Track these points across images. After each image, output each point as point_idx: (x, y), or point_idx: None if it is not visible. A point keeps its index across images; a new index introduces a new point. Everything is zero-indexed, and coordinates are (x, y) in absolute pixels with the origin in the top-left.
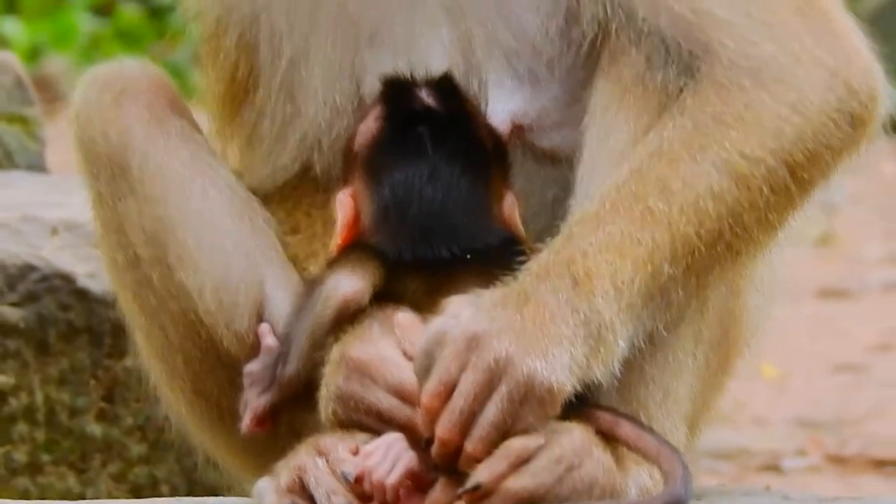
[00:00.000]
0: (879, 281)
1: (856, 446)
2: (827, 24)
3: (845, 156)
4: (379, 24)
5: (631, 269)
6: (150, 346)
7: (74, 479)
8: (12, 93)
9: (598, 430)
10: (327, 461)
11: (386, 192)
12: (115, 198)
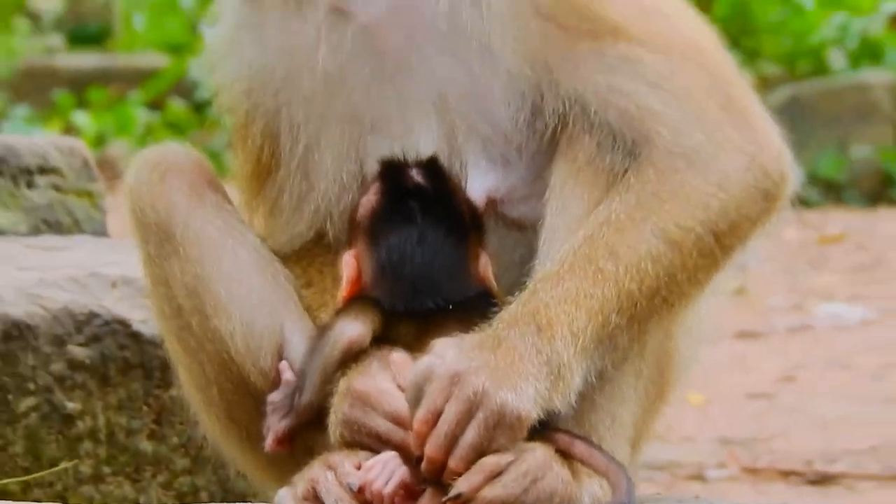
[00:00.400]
0: (784, 325)
1: (766, 460)
2: (746, 117)
3: (760, 225)
4: (379, 117)
5: (585, 318)
6: (191, 380)
7: (130, 487)
8: (80, 172)
9: (558, 449)
10: (335, 474)
11: (383, 254)
12: (161, 258)
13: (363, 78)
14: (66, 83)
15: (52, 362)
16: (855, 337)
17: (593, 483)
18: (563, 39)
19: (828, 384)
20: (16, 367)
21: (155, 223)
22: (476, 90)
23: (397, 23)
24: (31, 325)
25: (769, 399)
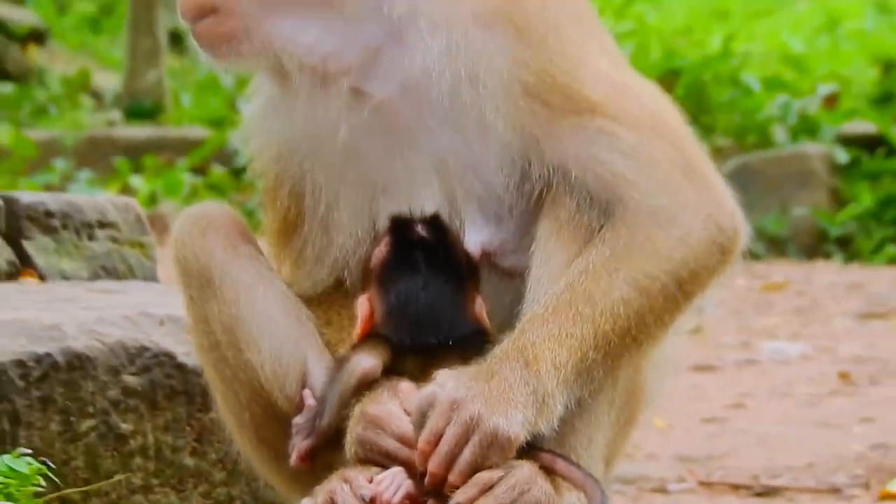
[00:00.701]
0: (734, 360)
1: (719, 475)
2: (704, 182)
3: (716, 275)
4: (389, 181)
5: (566, 354)
6: (226, 405)
7: (175, 497)
8: (134, 226)
9: (542, 465)
10: (351, 486)
11: (392, 298)
12: (202, 300)
13: (377, 148)
14: (124, 151)
15: (109, 389)
16: (794, 370)
17: (572, 495)
18: (548, 115)
19: (771, 410)
20: (77, 392)
21: (196, 270)
22: (473, 158)
23: (407, 101)
24: (91, 356)
25: (721, 423)
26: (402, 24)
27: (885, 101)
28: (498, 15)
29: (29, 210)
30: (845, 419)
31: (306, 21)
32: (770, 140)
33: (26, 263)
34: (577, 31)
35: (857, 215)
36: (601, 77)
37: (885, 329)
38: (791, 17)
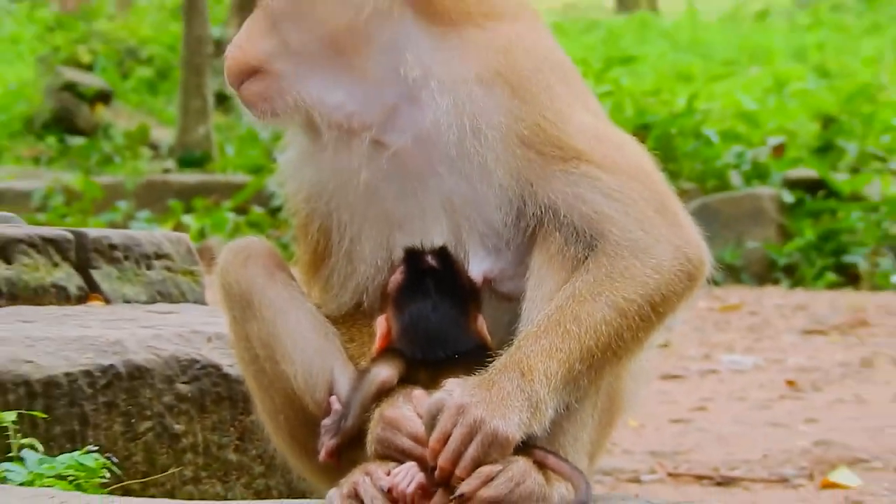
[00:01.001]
0: (696, 370)
1: (684, 468)
2: (674, 219)
3: (685, 298)
4: (404, 218)
5: (556, 366)
6: (264, 409)
7: (220, 487)
8: (185, 257)
9: (535, 460)
10: (371, 478)
11: (406, 318)
12: (243, 320)
13: (393, 190)
14: (177, 194)
15: (164, 395)
16: (748, 378)
17: (561, 486)
18: (540, 162)
19: (729, 412)
20: (137, 398)
21: (238, 295)
22: (476, 199)
23: (419, 151)
24: (149, 367)
25: (686, 423)
26: (416, 86)
27: (824, 151)
28: (497, 77)
29: (96, 244)
30: (792, 420)
31: (334, 83)
32: (727, 184)
33: (94, 289)
34: (565, 91)
35: (800, 247)
36: (585, 129)
37: (826, 343)
38: (744, 80)
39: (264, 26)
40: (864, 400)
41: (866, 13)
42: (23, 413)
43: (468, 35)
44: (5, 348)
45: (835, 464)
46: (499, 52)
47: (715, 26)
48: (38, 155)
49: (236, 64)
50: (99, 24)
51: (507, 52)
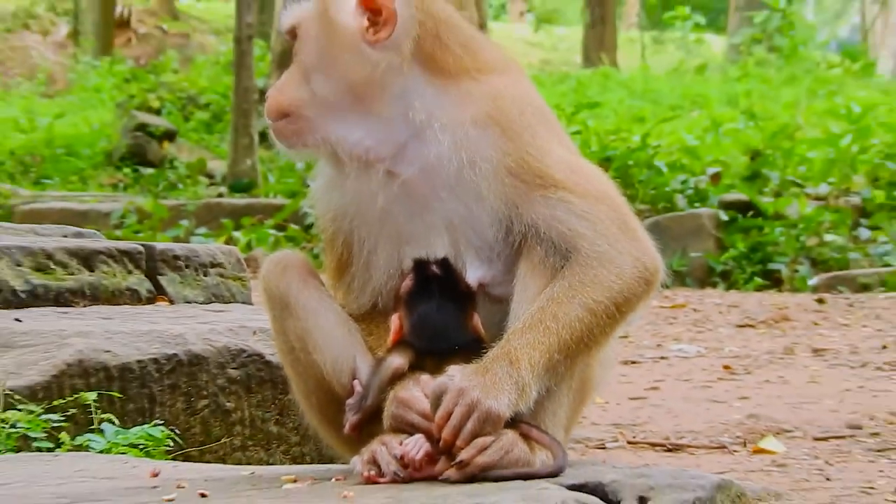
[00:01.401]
0: (650, 357)
1: (641, 437)
2: (634, 234)
3: (643, 300)
4: (412, 235)
5: (538, 356)
6: (299, 391)
7: (263, 453)
8: (235, 266)
9: (521, 433)
10: (387, 447)
11: (415, 316)
12: (281, 318)
13: (403, 212)
14: (228, 214)
15: (217, 378)
16: (692, 363)
17: (542, 453)
18: (524, 189)
19: (677, 391)
20: (196, 381)
21: (278, 297)
22: (472, 219)
23: (425, 179)
24: (205, 356)
25: (642, 400)
26: (422, 127)
27: (752, 179)
28: (489, 120)
29: (162, 255)
30: (728, 397)
31: (354, 124)
32: (674, 205)
33: (160, 292)
34: (544, 131)
35: (734, 257)
36: (561, 162)
37: (755, 335)
38: (687, 122)
39: (298, 77)
40: (787, 381)
41: (785, 67)
42: (102, 393)
43: (465, 86)
44: (88, 340)
45: (763, 433)
46: (490, 100)
47: (663, 78)
48: (116, 182)
49: (274, 105)
50: (166, 77)
51: (496, 99)
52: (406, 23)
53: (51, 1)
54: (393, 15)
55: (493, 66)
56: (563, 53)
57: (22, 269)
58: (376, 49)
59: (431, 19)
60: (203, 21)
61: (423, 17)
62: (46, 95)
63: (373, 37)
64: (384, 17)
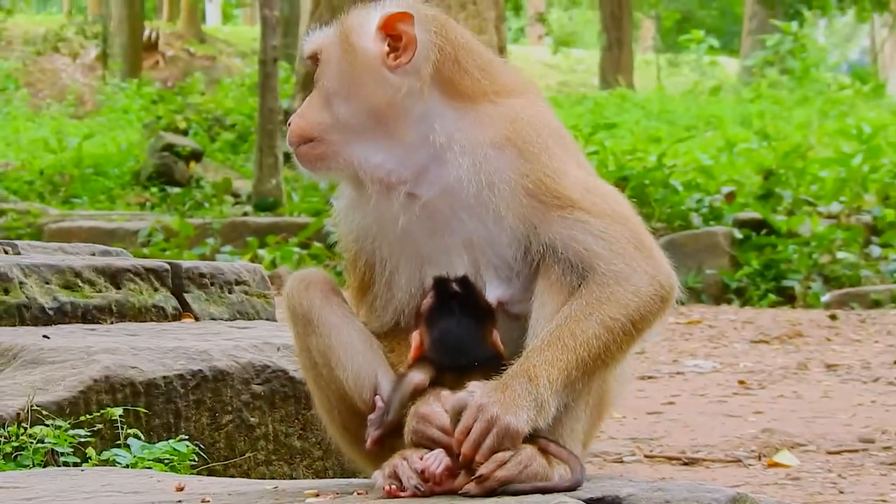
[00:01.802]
0: (667, 372)
1: (658, 451)
2: (650, 253)
3: (659, 317)
4: (433, 255)
5: (556, 373)
6: (322, 406)
7: (287, 468)
8: (259, 283)
9: (539, 448)
10: (407, 462)
11: (436, 333)
12: (305, 334)
13: (424, 232)
14: (253, 232)
15: (242, 394)
16: (708, 379)
17: (560, 468)
18: (542, 209)
19: (693, 406)
20: (221, 396)
21: (301, 314)
22: (490, 238)
23: (445, 201)
24: (230, 372)
25: (659, 415)
26: (442, 149)
27: (766, 198)
28: (507, 142)
29: (188, 272)
30: (743, 412)
31: (376, 148)
32: (690, 224)
33: (186, 309)
34: (561, 152)
35: (748, 274)
36: (578, 182)
37: (769, 350)
38: (702, 142)
39: (320, 102)
40: (801, 396)
41: (797, 89)
42: (128, 408)
43: (483, 109)
44: (115, 356)
45: (778, 447)
46: (507, 122)
47: (678, 99)
48: (143, 201)
49: (297, 131)
50: (192, 98)
51: (514, 122)
52: (425, 48)
53: (80, 24)
54: (413, 41)
55: (512, 89)
56: (580, 75)
57: (50, 286)
58: (397, 74)
59: (450, 44)
60: (229, 44)
61: (441, 42)
62: (75, 116)
63: (393, 62)
64: (404, 43)
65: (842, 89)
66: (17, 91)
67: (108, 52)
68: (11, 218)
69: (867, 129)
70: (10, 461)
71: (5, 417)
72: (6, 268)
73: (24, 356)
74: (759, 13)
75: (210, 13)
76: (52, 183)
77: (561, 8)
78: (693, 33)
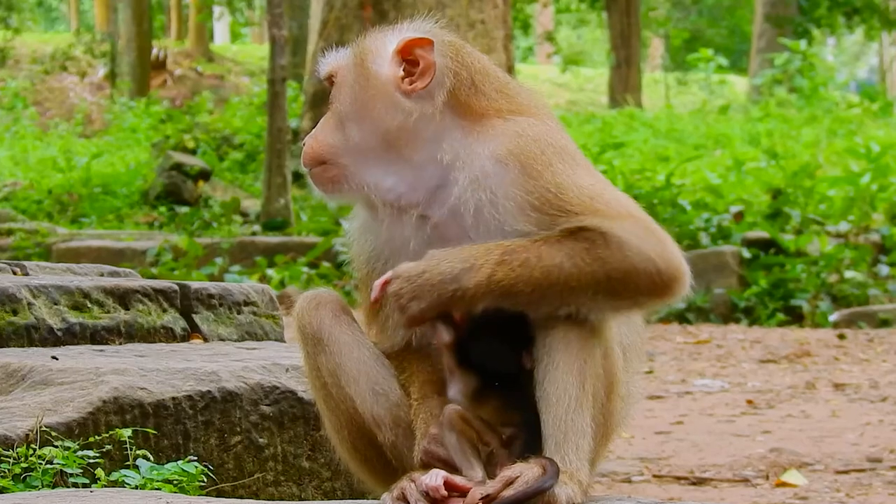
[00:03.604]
0: (675, 391)
1: (666, 470)
2: (662, 236)
3: (655, 298)
4: None
5: (502, 275)
6: (331, 426)
7: (296, 489)
8: (268, 304)
9: (542, 466)
10: (415, 484)
11: (478, 335)
12: (314, 354)
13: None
14: (262, 252)
15: (251, 415)
16: (716, 398)
17: (567, 487)
18: (548, 221)
19: (701, 426)
20: (229, 417)
21: (311, 334)
22: None
23: (454, 221)
24: (238, 393)
25: (667, 434)
26: (449, 168)
27: (774, 217)
28: (510, 155)
29: (197, 293)
30: (751, 431)
31: (387, 172)
32: (698, 243)
33: (195, 330)
34: (563, 165)
35: (756, 293)
36: (583, 191)
37: (777, 370)
38: (710, 161)
39: (334, 124)
40: (809, 415)
41: (805, 107)
42: (137, 430)
43: (490, 124)
44: (124, 377)
45: (786, 467)
46: (512, 137)
47: (686, 118)
48: (152, 221)
49: (310, 153)
50: (201, 117)
51: (518, 136)
52: (442, 73)
53: (88, 43)
54: (431, 66)
55: (522, 109)
56: (589, 94)
57: (59, 307)
58: (410, 98)
59: (466, 69)
60: (237, 63)
61: (458, 67)
62: (84, 136)
63: (408, 87)
64: (421, 68)
65: (850, 108)
66: (26, 110)
67: (117, 71)
68: (20, 237)
69: (876, 147)
70: (20, 482)
71: (14, 438)
72: (15, 289)
73: (32, 377)
74: (767, 32)
75: (218, 32)
76: (61, 202)
77: (569, 27)
78: (702, 52)
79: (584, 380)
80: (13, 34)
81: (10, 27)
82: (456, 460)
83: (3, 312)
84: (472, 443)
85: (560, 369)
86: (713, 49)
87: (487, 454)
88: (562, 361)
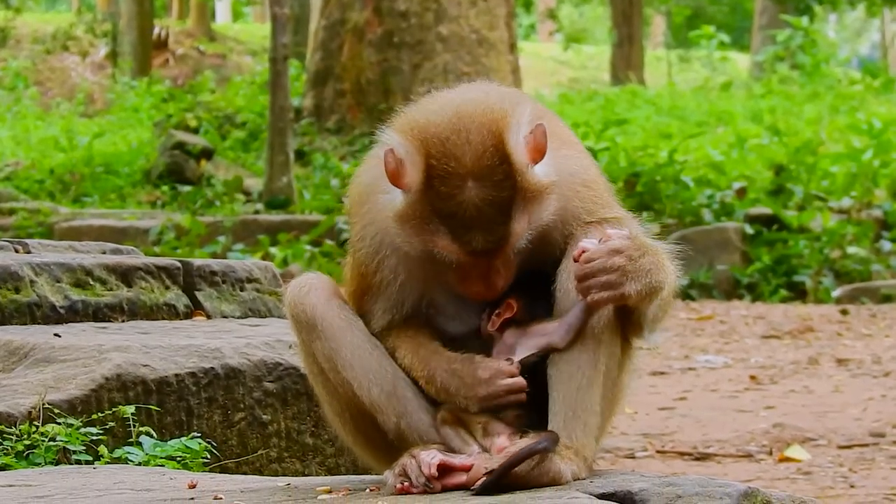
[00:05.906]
0: (678, 367)
1: (669, 446)
2: (659, 255)
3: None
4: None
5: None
6: (331, 409)
7: (299, 465)
8: (271, 281)
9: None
10: (415, 460)
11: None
12: (309, 340)
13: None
14: (265, 230)
15: (254, 391)
16: (720, 374)
17: (572, 464)
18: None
19: (704, 401)
20: (233, 394)
21: (304, 321)
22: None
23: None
24: (242, 369)
25: (671, 410)
26: None
27: (777, 193)
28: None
29: (200, 270)
30: (754, 407)
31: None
32: (701, 219)
33: (197, 307)
34: (589, 194)
35: (759, 269)
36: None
37: (780, 345)
38: (713, 138)
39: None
40: (812, 391)
41: (808, 84)
42: (140, 406)
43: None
44: (127, 355)
45: (789, 442)
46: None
47: (689, 95)
48: (154, 200)
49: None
50: (203, 96)
51: (558, 172)
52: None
53: (89, 23)
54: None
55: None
56: (591, 72)
57: (61, 285)
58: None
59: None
60: (239, 42)
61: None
62: (86, 115)
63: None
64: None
65: (852, 84)
66: (27, 90)
67: (118, 51)
68: (22, 217)
69: (878, 124)
70: (23, 459)
71: (17, 416)
72: (17, 266)
73: (35, 355)
74: (769, 8)
75: (220, 11)
76: (63, 182)
77: (571, 4)
78: (703, 29)
79: (598, 359)
80: (14, 14)
81: (10, 7)
82: (455, 448)
83: (6, 290)
84: (468, 429)
85: (576, 347)
86: (715, 26)
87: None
88: (579, 340)
